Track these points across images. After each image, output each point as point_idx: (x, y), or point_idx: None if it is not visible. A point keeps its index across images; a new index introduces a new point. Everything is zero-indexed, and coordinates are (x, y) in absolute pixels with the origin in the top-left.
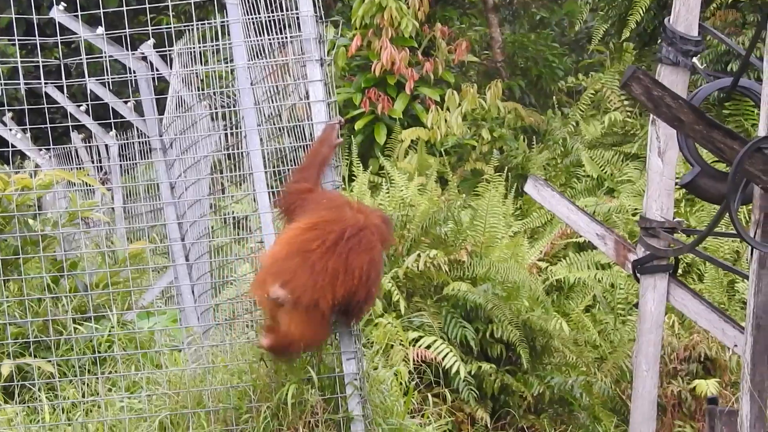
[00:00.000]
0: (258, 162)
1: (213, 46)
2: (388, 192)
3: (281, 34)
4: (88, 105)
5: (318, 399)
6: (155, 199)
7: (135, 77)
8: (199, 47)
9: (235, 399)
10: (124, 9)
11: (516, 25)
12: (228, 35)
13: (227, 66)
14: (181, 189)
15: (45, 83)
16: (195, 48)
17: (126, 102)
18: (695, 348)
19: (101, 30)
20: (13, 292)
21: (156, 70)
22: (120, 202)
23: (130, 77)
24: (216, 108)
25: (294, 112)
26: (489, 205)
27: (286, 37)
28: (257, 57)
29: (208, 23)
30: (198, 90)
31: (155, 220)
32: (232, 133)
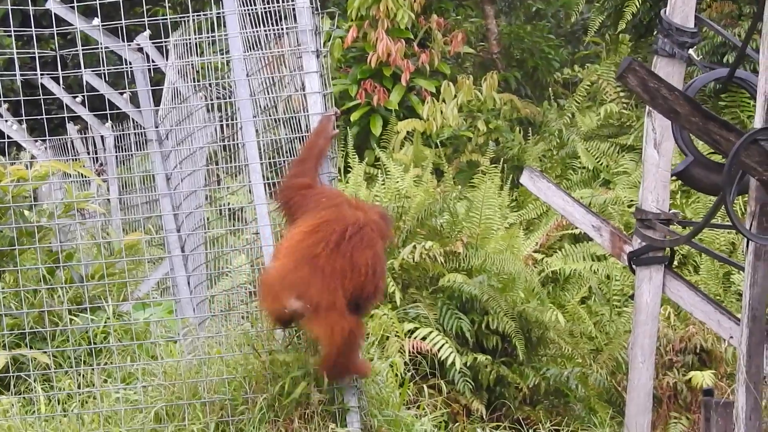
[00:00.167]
0: (254, 153)
1: (209, 37)
2: (383, 183)
3: (277, 25)
4: (84, 96)
5: (314, 390)
6: (151, 191)
7: (131, 68)
8: (195, 38)
9: (231, 390)
10: (120, 0)
11: (512, 17)
12: (224, 26)
13: (223, 57)
14: (177, 180)
15: (41, 74)
16: (191, 39)
17: (122, 93)
18: (691, 339)
19: (97, 21)
20: (9, 283)
21: (152, 61)
22: (116, 193)
23: (126, 68)
24: (212, 99)
25: (290, 103)
26: (485, 197)
27: (282, 29)
28: (253, 48)
29: (204, 14)
30: (194, 81)
31: (151, 211)
32: (227, 125)
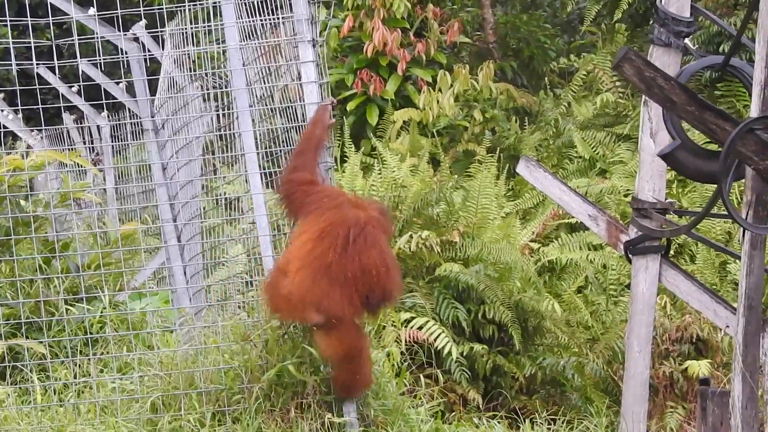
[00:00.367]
0: (250, 143)
1: (205, 26)
2: (380, 173)
3: (273, 14)
4: (80, 86)
5: (310, 380)
6: (147, 180)
7: (127, 58)
8: (191, 28)
9: (227, 380)
10: None
11: (508, 6)
12: (220, 16)
13: (219, 47)
14: (173, 170)
15: (37, 64)
16: (187, 29)
17: (118, 83)
18: (687, 329)
19: (93, 11)
20: (5, 273)
21: (148, 50)
22: (112, 183)
23: (122, 58)
24: (208, 89)
25: (286, 92)
26: (481, 186)
27: (278, 18)
28: (249, 38)
29: (200, 4)
30: (190, 71)
31: (147, 201)
32: (224, 114)
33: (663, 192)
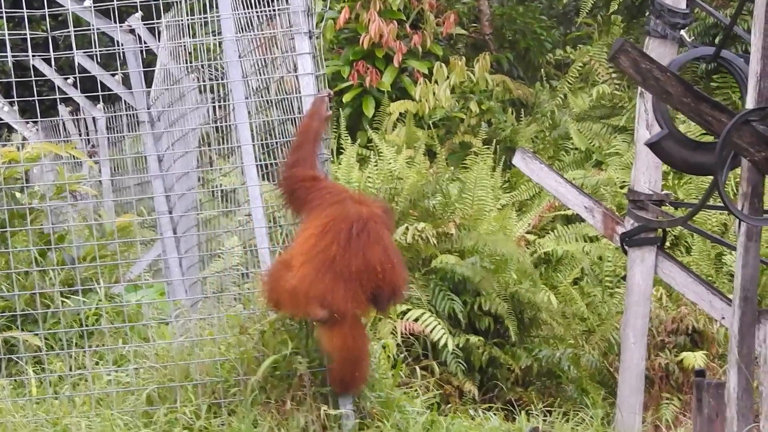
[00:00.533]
0: (246, 135)
1: (201, 18)
2: (376, 165)
3: (269, 6)
4: (75, 78)
5: (306, 372)
6: (143, 172)
7: (123, 50)
8: (187, 20)
9: (223, 372)
10: None
11: None
12: (216, 8)
13: (215, 39)
14: (169, 162)
15: (32, 56)
16: (183, 21)
17: (114, 75)
18: (683, 320)
19: (89, 2)
20: (0, 265)
21: (144, 42)
22: (107, 175)
23: (117, 50)
24: (204, 81)
25: (282, 85)
26: (477, 178)
27: (274, 10)
28: (245, 30)
29: None
30: (186, 63)
31: (143, 193)
32: (220, 106)
33: (659, 183)
